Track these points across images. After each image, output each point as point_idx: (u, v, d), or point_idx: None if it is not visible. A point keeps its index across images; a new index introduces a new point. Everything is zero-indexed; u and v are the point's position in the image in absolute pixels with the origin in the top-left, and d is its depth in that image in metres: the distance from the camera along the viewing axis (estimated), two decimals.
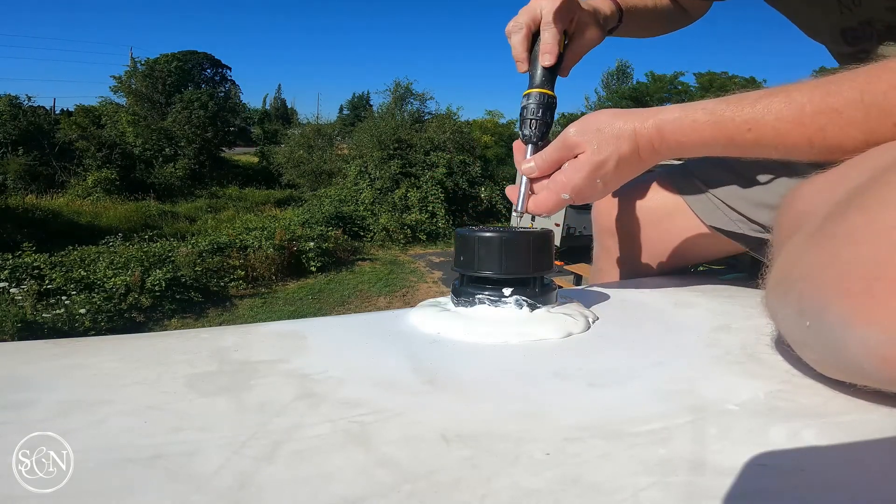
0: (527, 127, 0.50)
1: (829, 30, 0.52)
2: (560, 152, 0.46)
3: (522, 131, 0.51)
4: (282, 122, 24.35)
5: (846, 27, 0.50)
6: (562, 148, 0.46)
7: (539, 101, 0.50)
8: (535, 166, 0.48)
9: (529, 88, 0.51)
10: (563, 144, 0.45)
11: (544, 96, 0.50)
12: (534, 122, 0.50)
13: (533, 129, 0.50)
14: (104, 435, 0.24)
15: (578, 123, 0.45)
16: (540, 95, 0.50)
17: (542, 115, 0.50)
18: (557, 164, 0.46)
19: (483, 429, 0.26)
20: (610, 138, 0.44)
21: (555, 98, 0.51)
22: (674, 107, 0.43)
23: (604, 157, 0.44)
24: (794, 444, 0.25)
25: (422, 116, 11.64)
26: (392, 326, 0.43)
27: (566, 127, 0.45)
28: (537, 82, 0.51)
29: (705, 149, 0.43)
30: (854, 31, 0.49)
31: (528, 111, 0.50)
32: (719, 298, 0.54)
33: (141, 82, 14.31)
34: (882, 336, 0.24)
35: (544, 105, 0.50)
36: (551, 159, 0.47)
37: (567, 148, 0.45)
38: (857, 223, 0.26)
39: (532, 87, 0.51)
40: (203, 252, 6.01)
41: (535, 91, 0.51)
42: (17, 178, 10.34)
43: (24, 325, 4.10)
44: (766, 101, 0.39)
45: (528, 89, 0.51)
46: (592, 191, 0.46)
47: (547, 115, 0.50)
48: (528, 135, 0.50)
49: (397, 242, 8.37)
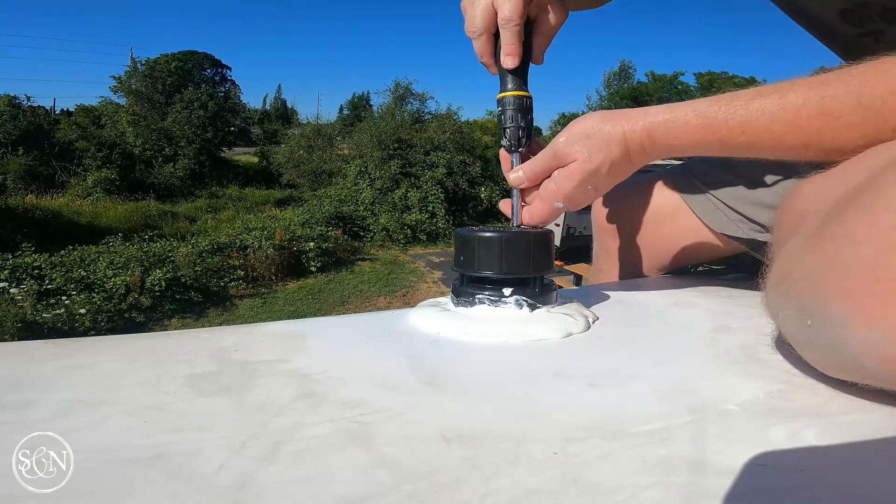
0: (505, 136, 0.48)
1: (829, 14, 0.52)
2: (550, 162, 0.45)
3: (502, 141, 0.48)
4: (282, 122, 24.33)
5: (845, 8, 0.49)
6: (552, 158, 0.45)
7: (514, 106, 0.48)
8: (523, 176, 0.47)
9: (501, 92, 0.48)
10: (552, 154, 0.45)
11: (518, 99, 0.48)
12: (511, 129, 0.48)
13: (513, 137, 0.48)
14: (104, 435, 0.24)
15: (567, 132, 0.44)
16: (513, 99, 0.48)
17: (518, 120, 0.48)
18: (547, 173, 0.46)
19: (483, 429, 0.26)
20: (600, 144, 0.43)
21: (529, 98, 0.48)
22: (663, 108, 0.42)
23: (596, 164, 0.43)
24: (794, 444, 0.25)
25: (422, 116, 11.63)
26: (392, 326, 0.43)
27: (556, 135, 0.44)
28: (509, 85, 0.48)
29: (697, 150, 0.42)
30: (852, 11, 0.49)
31: (504, 118, 0.48)
32: (719, 298, 0.54)
33: (141, 82, 14.30)
34: (882, 336, 0.24)
35: (521, 109, 0.48)
36: (540, 169, 0.46)
37: (557, 158, 0.44)
38: (857, 223, 0.26)
39: (504, 91, 0.48)
40: (203, 252, 6.01)
41: (507, 95, 0.48)
42: (17, 178, 10.33)
43: (24, 325, 4.10)
44: (759, 102, 0.38)
45: (500, 93, 0.48)
46: (585, 197, 0.45)
47: (524, 119, 0.48)
48: (508, 144, 0.48)
49: (397, 242, 8.37)
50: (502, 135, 0.49)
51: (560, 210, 0.46)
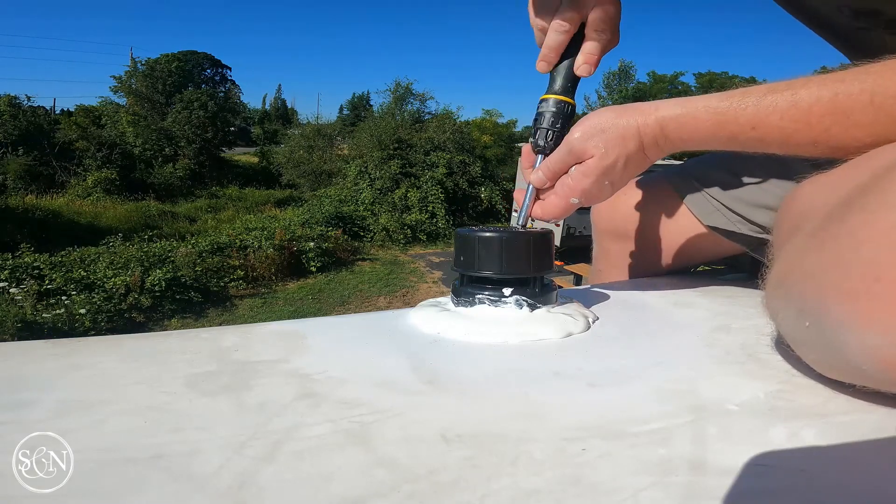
0: (542, 137, 0.47)
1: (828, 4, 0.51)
2: (566, 158, 0.45)
3: (536, 140, 0.48)
4: (282, 122, 24.34)
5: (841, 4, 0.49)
6: (568, 154, 0.45)
7: (558, 111, 0.47)
8: (543, 177, 0.46)
9: (549, 93, 0.48)
10: (569, 151, 0.44)
11: (565, 105, 0.47)
12: (550, 132, 0.47)
13: (549, 140, 0.47)
14: (104, 435, 0.24)
15: (581, 127, 0.44)
16: (560, 104, 0.47)
17: (560, 126, 0.47)
18: (564, 170, 0.46)
19: (483, 429, 0.26)
20: (616, 139, 0.43)
21: (574, 106, 0.48)
22: (674, 102, 0.42)
23: (612, 159, 0.43)
24: (794, 444, 0.25)
25: (422, 116, 11.63)
26: (392, 326, 0.43)
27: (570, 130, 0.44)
28: (559, 89, 0.47)
29: (708, 145, 0.42)
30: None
31: (544, 119, 0.47)
32: (719, 298, 0.54)
33: (141, 82, 14.32)
34: (882, 338, 0.24)
35: (564, 115, 0.47)
36: (556, 168, 0.46)
37: (574, 155, 0.44)
38: (858, 224, 0.26)
39: (552, 93, 0.47)
40: (203, 252, 6.01)
41: (555, 98, 0.47)
42: (17, 178, 10.33)
43: (24, 325, 4.10)
44: (770, 98, 0.38)
45: (548, 94, 0.48)
46: (602, 193, 0.45)
47: (565, 127, 0.47)
48: (543, 146, 0.47)
49: (397, 242, 8.37)
50: (538, 135, 0.48)
51: (575, 206, 0.46)
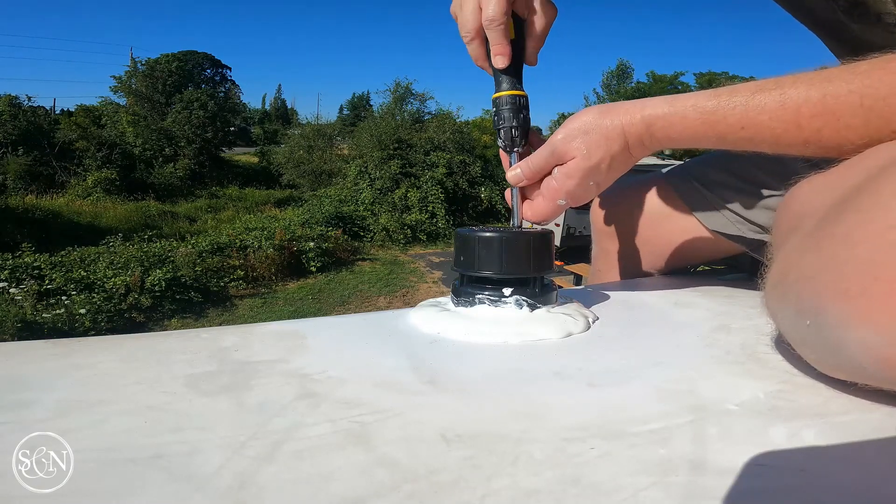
0: (500, 137, 0.48)
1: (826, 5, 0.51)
2: (548, 159, 0.45)
3: (503, 140, 0.48)
4: (282, 122, 24.34)
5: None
6: (550, 155, 0.44)
7: (508, 106, 0.47)
8: (521, 174, 0.46)
9: (499, 92, 0.48)
10: (551, 152, 0.44)
11: (512, 98, 0.47)
12: (504, 130, 0.47)
13: (515, 135, 0.47)
14: (104, 435, 0.24)
15: (564, 128, 0.44)
16: (507, 99, 0.47)
17: (514, 120, 0.47)
18: (547, 170, 0.45)
19: (483, 429, 0.26)
20: (600, 139, 0.42)
21: (524, 96, 0.48)
22: (660, 100, 0.42)
23: (595, 161, 0.43)
24: (794, 444, 0.25)
25: (422, 116, 11.63)
26: (392, 326, 0.43)
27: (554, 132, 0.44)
28: (503, 86, 0.48)
29: (696, 144, 0.42)
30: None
31: (499, 119, 0.48)
32: (719, 298, 0.54)
33: (141, 82, 14.31)
34: (880, 336, 0.24)
35: (514, 108, 0.47)
36: (538, 167, 0.46)
37: (556, 156, 0.44)
38: (855, 223, 0.26)
39: (498, 91, 0.48)
40: (203, 252, 6.01)
41: (502, 95, 0.48)
42: (17, 178, 10.33)
43: (24, 325, 4.10)
44: (759, 98, 0.37)
45: (499, 92, 0.48)
46: (587, 193, 0.45)
47: (519, 118, 0.47)
48: (505, 144, 0.48)
49: (397, 242, 8.37)
50: (497, 136, 0.49)
51: (563, 207, 0.46)
